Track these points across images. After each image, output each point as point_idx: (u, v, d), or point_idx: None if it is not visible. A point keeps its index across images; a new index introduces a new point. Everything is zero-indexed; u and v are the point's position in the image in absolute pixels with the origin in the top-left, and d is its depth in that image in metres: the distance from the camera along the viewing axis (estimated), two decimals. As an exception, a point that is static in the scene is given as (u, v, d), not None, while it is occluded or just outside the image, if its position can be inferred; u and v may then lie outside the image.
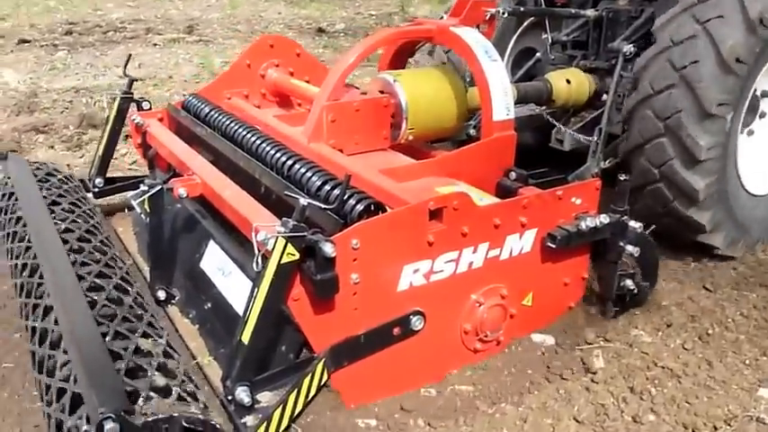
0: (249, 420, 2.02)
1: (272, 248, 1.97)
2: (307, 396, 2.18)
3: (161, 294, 2.96)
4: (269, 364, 2.27)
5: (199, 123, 3.42)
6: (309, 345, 2.33)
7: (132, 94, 3.67)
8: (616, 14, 3.99)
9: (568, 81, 3.86)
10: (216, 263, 2.85)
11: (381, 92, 3.26)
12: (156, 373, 1.92)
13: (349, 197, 2.31)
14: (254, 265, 1.99)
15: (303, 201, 1.97)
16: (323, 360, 2.22)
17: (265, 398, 2.14)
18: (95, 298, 2.28)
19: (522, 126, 3.76)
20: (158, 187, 2.78)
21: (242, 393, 2.04)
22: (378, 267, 2.28)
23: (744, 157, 3.44)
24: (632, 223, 2.80)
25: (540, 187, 3.03)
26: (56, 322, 2.20)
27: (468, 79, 3.53)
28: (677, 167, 3.18)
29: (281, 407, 2.08)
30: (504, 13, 3.65)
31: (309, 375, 2.16)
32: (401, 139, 3.29)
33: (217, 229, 2.90)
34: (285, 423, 2.11)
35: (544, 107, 3.94)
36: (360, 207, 2.25)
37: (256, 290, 2.00)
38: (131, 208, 2.78)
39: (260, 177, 2.72)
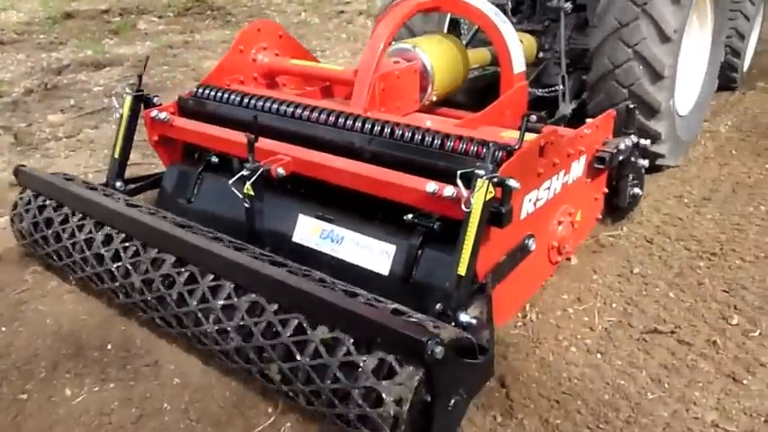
0: (485, 334, 2.34)
1: (476, 189, 2.32)
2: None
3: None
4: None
5: (236, 107, 3.47)
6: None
7: (143, 91, 3.58)
8: None
9: (521, 42, 4.48)
10: (311, 235, 3.04)
11: (405, 59, 3.60)
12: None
13: (480, 144, 2.71)
14: (463, 206, 2.32)
15: (492, 146, 2.34)
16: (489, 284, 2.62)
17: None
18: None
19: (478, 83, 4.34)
20: (261, 170, 2.89)
21: (466, 317, 2.36)
22: (514, 200, 2.70)
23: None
24: (642, 141, 3.51)
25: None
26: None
27: (465, 42, 3.99)
28: (645, 84, 3.95)
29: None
30: None
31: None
32: (426, 101, 3.68)
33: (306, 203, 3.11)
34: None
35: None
36: (500, 153, 2.65)
37: (467, 228, 2.33)
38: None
39: (368, 146, 2.97)
